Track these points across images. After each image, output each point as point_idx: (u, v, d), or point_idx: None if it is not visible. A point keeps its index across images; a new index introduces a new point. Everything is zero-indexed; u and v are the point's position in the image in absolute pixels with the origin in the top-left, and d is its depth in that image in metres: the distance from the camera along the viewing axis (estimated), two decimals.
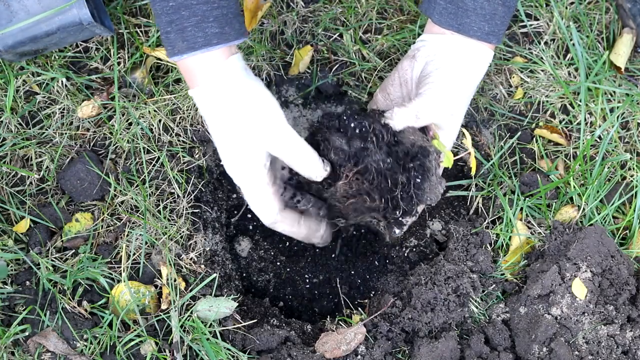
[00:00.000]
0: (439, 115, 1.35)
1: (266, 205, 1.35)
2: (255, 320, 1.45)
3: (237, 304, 1.44)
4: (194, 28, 1.24)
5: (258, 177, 1.31)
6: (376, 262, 1.66)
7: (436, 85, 1.35)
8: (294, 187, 1.43)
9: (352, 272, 1.67)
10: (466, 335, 1.45)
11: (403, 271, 1.61)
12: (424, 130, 1.35)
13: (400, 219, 1.31)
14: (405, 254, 1.63)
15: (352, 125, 1.26)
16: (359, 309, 1.55)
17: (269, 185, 1.33)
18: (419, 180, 1.25)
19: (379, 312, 1.47)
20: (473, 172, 1.46)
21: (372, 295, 1.61)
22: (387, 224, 1.34)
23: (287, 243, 1.67)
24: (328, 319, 1.54)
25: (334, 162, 1.27)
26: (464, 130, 1.42)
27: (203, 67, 1.26)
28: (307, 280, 1.66)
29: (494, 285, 1.49)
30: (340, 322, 1.50)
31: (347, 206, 1.28)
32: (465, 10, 1.33)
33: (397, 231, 1.36)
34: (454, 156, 1.63)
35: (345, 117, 1.27)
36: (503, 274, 1.50)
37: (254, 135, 1.28)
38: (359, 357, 1.40)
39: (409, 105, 1.32)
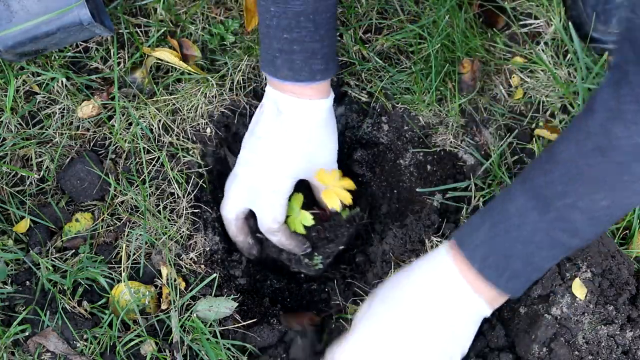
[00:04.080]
0: None
1: (281, 210, 1.46)
2: (255, 320, 1.45)
3: (237, 304, 1.44)
4: (302, 62, 1.31)
5: (288, 186, 1.44)
6: (376, 263, 1.66)
7: None
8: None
9: (352, 272, 1.66)
10: None
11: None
12: None
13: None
14: None
15: None
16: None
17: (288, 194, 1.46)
18: None
19: None
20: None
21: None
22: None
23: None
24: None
25: None
26: None
27: (303, 94, 1.35)
28: (307, 280, 1.66)
29: None
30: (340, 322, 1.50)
31: None
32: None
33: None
34: (456, 158, 1.64)
35: None
36: None
37: (314, 160, 1.43)
38: None
39: None
